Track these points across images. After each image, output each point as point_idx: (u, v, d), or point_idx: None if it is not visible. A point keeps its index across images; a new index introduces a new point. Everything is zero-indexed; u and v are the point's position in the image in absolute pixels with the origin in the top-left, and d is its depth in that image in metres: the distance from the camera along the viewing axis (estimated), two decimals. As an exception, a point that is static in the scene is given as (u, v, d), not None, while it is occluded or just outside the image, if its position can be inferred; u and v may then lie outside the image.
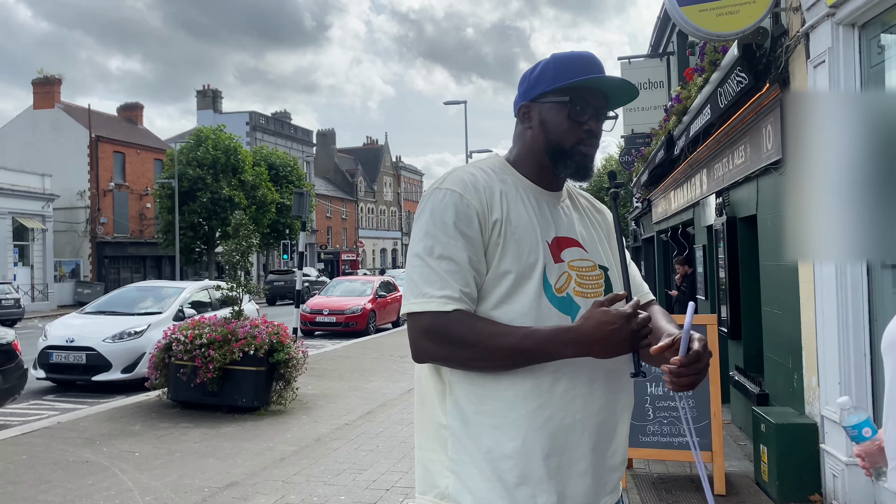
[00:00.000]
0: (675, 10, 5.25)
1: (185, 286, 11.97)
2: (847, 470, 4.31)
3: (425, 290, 1.51)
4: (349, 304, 18.56)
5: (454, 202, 1.54)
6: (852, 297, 4.29)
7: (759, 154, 5.80)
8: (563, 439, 1.52)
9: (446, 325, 1.48)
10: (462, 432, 1.54)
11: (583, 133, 1.63)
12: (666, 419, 5.31)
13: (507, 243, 1.54)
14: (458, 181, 1.59)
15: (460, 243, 1.52)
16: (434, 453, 1.58)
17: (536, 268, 1.55)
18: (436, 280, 1.51)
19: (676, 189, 10.76)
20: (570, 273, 1.60)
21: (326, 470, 5.80)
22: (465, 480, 1.52)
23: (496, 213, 1.56)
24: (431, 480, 1.58)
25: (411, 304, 1.52)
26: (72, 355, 9.90)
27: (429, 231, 1.54)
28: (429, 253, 1.53)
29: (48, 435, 6.93)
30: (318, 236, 57.07)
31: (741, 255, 6.96)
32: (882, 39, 4.08)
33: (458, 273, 1.51)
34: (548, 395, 1.51)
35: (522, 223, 1.58)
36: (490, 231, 1.55)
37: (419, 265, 1.54)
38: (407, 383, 10.09)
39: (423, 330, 1.51)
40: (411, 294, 1.53)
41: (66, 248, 35.38)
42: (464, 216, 1.53)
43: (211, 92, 51.52)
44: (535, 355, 1.47)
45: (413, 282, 1.54)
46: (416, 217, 1.61)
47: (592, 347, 1.44)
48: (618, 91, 1.67)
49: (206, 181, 34.56)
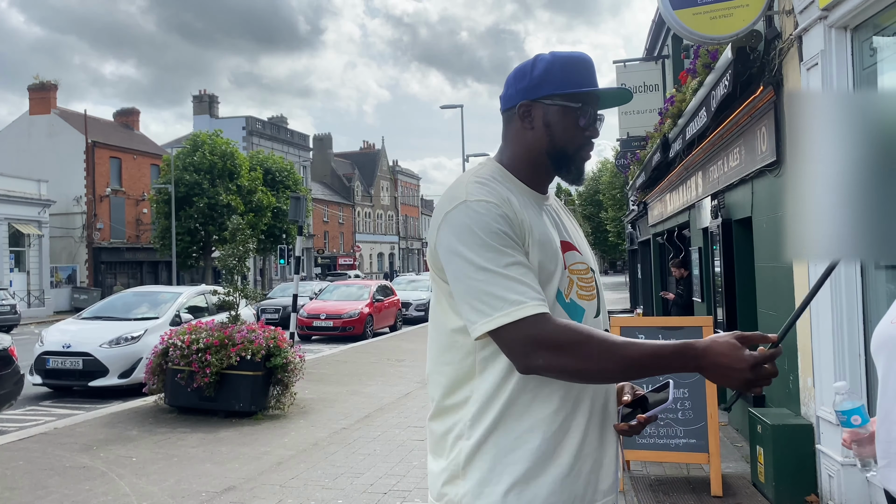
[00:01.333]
0: (669, 13, 5.28)
1: (182, 291, 11.96)
2: (843, 470, 4.33)
3: (512, 297, 1.44)
4: (346, 308, 18.55)
5: (492, 211, 1.50)
6: (846, 299, 4.31)
7: (753, 156, 5.83)
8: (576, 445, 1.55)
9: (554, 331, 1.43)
10: (485, 443, 1.53)
11: (584, 139, 1.64)
12: (662, 421, 5.31)
13: (534, 251, 1.53)
14: (483, 192, 1.54)
15: (518, 249, 1.50)
16: (447, 461, 1.58)
17: (555, 275, 1.55)
18: (517, 285, 1.45)
19: (672, 192, 10.80)
20: (571, 277, 1.61)
21: (324, 474, 5.80)
22: (481, 487, 1.52)
23: (524, 221, 1.54)
24: (442, 489, 1.57)
25: (502, 317, 1.43)
26: (68, 361, 9.89)
27: (484, 242, 1.47)
28: (495, 263, 1.46)
29: (45, 441, 6.92)
30: (314, 241, 57.04)
31: (737, 258, 6.99)
32: (874, 42, 4.10)
33: (530, 274, 1.48)
34: (570, 409, 1.54)
35: (542, 230, 1.57)
36: (524, 239, 1.53)
37: (490, 277, 1.45)
38: (404, 387, 10.09)
39: (531, 339, 1.43)
40: (493, 308, 1.44)
41: (63, 254, 35.32)
42: (508, 223, 1.51)
43: (207, 97, 51.53)
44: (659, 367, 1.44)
45: (492, 295, 1.44)
46: (447, 235, 1.52)
47: (708, 371, 1.42)
48: (612, 96, 1.69)
49: (202, 186, 34.54)
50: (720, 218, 7.24)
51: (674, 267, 10.42)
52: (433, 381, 1.64)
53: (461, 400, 1.56)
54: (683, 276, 10.01)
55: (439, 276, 1.59)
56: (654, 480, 5.45)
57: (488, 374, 1.53)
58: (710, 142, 7.14)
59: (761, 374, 1.38)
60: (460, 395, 1.57)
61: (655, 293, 14.36)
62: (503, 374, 1.52)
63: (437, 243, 1.55)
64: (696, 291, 9.23)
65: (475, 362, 1.55)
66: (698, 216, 8.90)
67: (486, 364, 1.54)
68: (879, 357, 1.88)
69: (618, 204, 39.06)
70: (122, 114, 43.86)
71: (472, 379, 1.55)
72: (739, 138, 6.26)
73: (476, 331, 1.46)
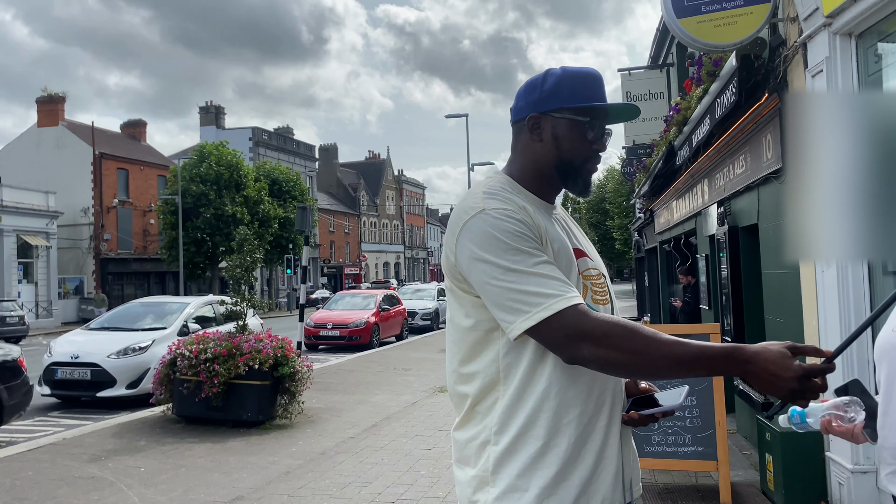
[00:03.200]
0: (673, 21, 5.30)
1: (190, 301, 12.01)
2: (853, 478, 4.31)
3: (547, 291, 1.46)
4: (353, 317, 18.58)
5: (511, 217, 1.52)
6: (854, 305, 4.30)
7: (759, 163, 5.83)
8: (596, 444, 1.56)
9: (593, 320, 1.45)
10: (513, 449, 1.54)
11: (592, 152, 1.67)
12: (671, 429, 5.30)
13: (552, 257, 1.55)
14: (498, 200, 1.56)
15: (542, 249, 1.52)
16: (475, 469, 1.58)
17: (572, 280, 1.57)
18: (549, 281, 1.47)
19: (678, 199, 10.79)
20: (585, 283, 1.65)
21: (332, 483, 5.80)
22: (511, 492, 1.53)
23: (540, 227, 1.57)
24: (472, 496, 1.58)
25: (540, 312, 1.45)
26: (76, 371, 9.93)
27: (508, 246, 1.49)
28: (524, 264, 1.48)
29: (53, 451, 6.94)
30: (321, 251, 57.17)
31: (743, 264, 6.98)
32: (879, 48, 4.11)
33: (558, 271, 1.51)
34: (593, 412, 1.56)
35: (557, 237, 1.60)
36: (544, 244, 1.55)
37: (520, 277, 1.47)
38: (411, 396, 10.09)
39: (573, 329, 1.44)
40: (529, 305, 1.45)
41: (70, 265, 35.49)
42: (528, 228, 1.53)
43: (214, 108, 51.84)
44: (705, 367, 1.45)
45: (526, 293, 1.46)
46: (467, 244, 1.53)
47: (754, 377, 1.42)
48: (621, 112, 1.72)
49: (209, 197, 34.71)
50: (726, 225, 7.24)
51: (681, 274, 10.41)
52: (456, 392, 1.65)
53: (487, 407, 1.58)
54: (690, 284, 10.00)
55: (458, 287, 1.60)
56: (662, 489, 5.43)
57: (512, 380, 1.55)
58: (715, 149, 7.15)
59: (808, 386, 1.39)
60: (486, 403, 1.58)
61: (663, 301, 14.33)
62: (527, 379, 1.54)
63: (458, 253, 1.56)
64: (704, 299, 9.21)
65: (499, 369, 1.56)
66: (705, 223, 8.89)
67: (509, 370, 1.55)
68: (882, 365, 1.88)
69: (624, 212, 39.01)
70: (129, 125, 44.17)
71: (497, 385, 1.56)
72: (745, 146, 6.27)
73: (515, 330, 1.47)
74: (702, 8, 5.24)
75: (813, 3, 4.41)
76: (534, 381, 1.53)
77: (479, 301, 1.55)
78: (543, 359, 1.53)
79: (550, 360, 1.53)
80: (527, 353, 1.54)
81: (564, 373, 1.53)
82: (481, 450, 1.57)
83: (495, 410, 1.56)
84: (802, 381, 1.38)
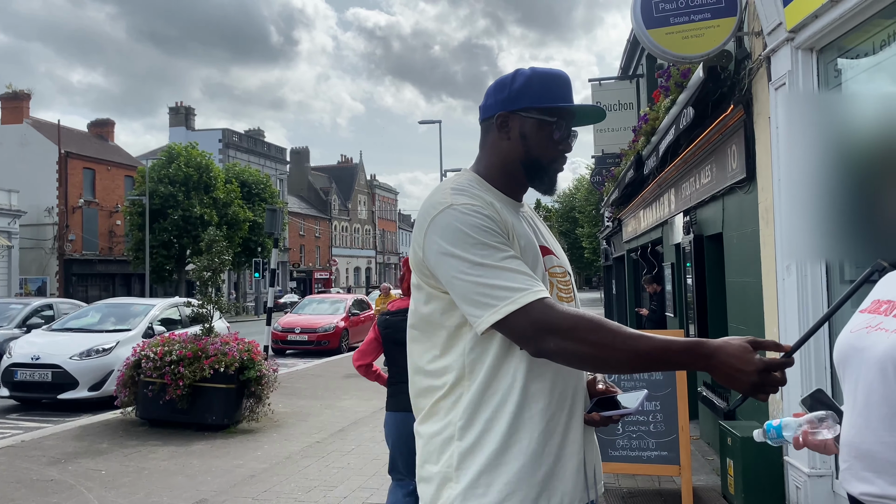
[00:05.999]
0: (642, 32, 5.39)
1: (155, 303, 11.84)
2: (810, 481, 4.41)
3: (514, 285, 1.47)
4: (321, 322, 18.45)
5: (478, 212, 1.54)
6: (813, 312, 4.41)
7: (724, 173, 5.95)
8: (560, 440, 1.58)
9: (559, 313, 1.46)
10: (477, 445, 1.55)
11: (559, 152, 1.70)
12: (634, 434, 5.37)
13: (519, 252, 1.57)
14: (466, 196, 1.58)
15: (509, 244, 1.54)
16: (438, 466, 1.59)
17: (538, 276, 1.58)
18: (516, 275, 1.48)
19: (645, 208, 10.94)
20: (551, 280, 1.67)
21: (297, 487, 5.76)
22: (473, 489, 1.54)
23: (507, 223, 1.59)
24: (437, 493, 1.59)
25: (508, 305, 1.46)
26: (37, 373, 9.71)
27: (476, 241, 1.51)
28: (491, 259, 1.50)
29: (11, 454, 6.80)
30: (290, 255, 56.73)
31: (708, 273, 7.10)
32: (839, 63, 4.24)
33: (525, 266, 1.52)
34: (556, 408, 1.58)
35: (525, 235, 1.62)
36: (511, 240, 1.57)
37: (486, 271, 1.49)
38: (379, 401, 10.04)
39: (538, 323, 1.46)
40: (497, 299, 1.47)
41: (33, 266, 34.75)
42: (495, 223, 1.55)
43: (184, 109, 51.24)
44: (668, 361, 1.47)
45: (493, 286, 1.47)
46: (435, 239, 1.55)
47: (717, 371, 1.44)
48: (587, 114, 1.74)
49: (177, 199, 34.27)
50: (692, 234, 7.36)
51: (646, 284, 10.54)
52: (420, 387, 1.66)
53: (451, 402, 1.59)
54: (657, 292, 10.13)
55: (426, 283, 1.62)
56: (626, 492, 5.49)
57: (477, 375, 1.56)
58: (682, 159, 7.27)
59: (769, 379, 1.42)
60: (451, 399, 1.59)
61: (630, 309, 14.49)
62: (491, 374, 1.56)
63: (426, 248, 1.57)
64: (669, 306, 9.34)
65: (464, 364, 1.57)
66: (671, 232, 9.03)
67: (474, 365, 1.57)
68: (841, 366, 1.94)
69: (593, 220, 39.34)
70: (97, 125, 43.46)
71: (462, 381, 1.57)
72: (711, 156, 6.39)
73: (483, 324, 1.49)
74: (670, 20, 5.34)
75: (777, 18, 4.53)
76: (498, 376, 1.55)
77: (446, 296, 1.57)
78: (508, 354, 1.55)
79: (516, 356, 1.55)
80: (492, 349, 1.55)
81: (529, 368, 1.55)
82: (445, 445, 1.58)
83: (459, 406, 1.57)
84: (763, 375, 1.41)
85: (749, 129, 5.31)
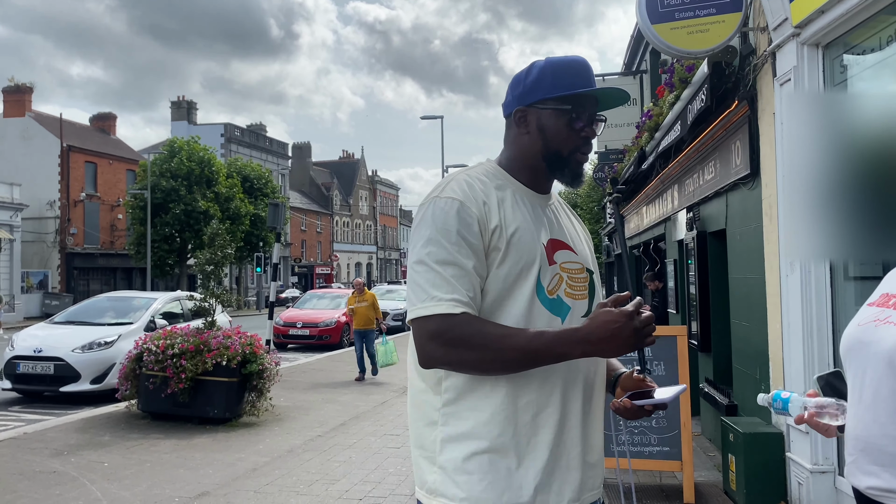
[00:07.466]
0: (647, 27, 5.37)
1: (157, 297, 11.85)
2: (812, 477, 4.41)
3: (433, 293, 1.50)
4: (323, 317, 18.47)
5: (456, 210, 1.56)
6: (816, 309, 4.40)
7: (728, 170, 5.94)
8: (549, 435, 1.56)
9: (455, 327, 1.48)
10: (452, 430, 1.56)
11: (580, 140, 1.67)
12: (636, 429, 5.37)
13: (508, 248, 1.57)
14: (457, 189, 1.59)
15: (465, 250, 1.53)
16: (424, 450, 1.61)
17: (532, 270, 1.58)
18: (443, 284, 1.50)
19: (648, 205, 10.93)
20: (561, 275, 1.64)
21: (298, 480, 5.77)
22: (452, 475, 1.55)
23: (495, 219, 1.58)
24: (422, 476, 1.61)
25: (418, 309, 1.51)
26: (39, 366, 9.74)
27: (432, 238, 1.54)
28: (434, 259, 1.52)
29: (14, 445, 6.81)
30: (292, 250, 56.75)
31: (711, 269, 7.09)
32: (844, 59, 4.22)
33: (464, 278, 1.52)
34: (536, 394, 1.56)
35: (520, 227, 1.61)
36: (490, 237, 1.57)
37: (424, 271, 1.53)
38: (380, 396, 10.07)
39: (432, 333, 1.49)
40: (417, 299, 1.52)
41: (35, 259, 34.77)
42: (466, 223, 1.55)
43: (186, 103, 51.21)
44: (544, 356, 1.48)
45: (419, 287, 1.53)
46: (415, 226, 1.61)
47: (599, 346, 1.46)
48: (610, 96, 1.72)
49: (179, 193, 34.25)
50: (695, 230, 7.35)
51: (647, 281, 10.52)
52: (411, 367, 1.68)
53: (435, 386, 1.60)
54: (659, 289, 10.12)
55: None
56: (627, 488, 5.49)
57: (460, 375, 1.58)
58: (685, 155, 7.26)
59: (642, 321, 1.44)
60: (435, 383, 1.60)
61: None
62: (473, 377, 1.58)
63: None
64: (672, 303, 9.33)
65: None
66: (674, 229, 9.02)
67: None
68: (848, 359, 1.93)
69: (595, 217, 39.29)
70: (99, 118, 43.43)
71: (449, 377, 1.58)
72: (714, 152, 6.38)
73: (409, 318, 1.55)
74: (675, 15, 5.32)
75: (782, 14, 4.51)
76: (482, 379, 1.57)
77: None
78: None
79: None
80: None
81: None
82: (430, 429, 1.59)
83: (444, 391, 1.58)
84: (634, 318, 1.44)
85: (753, 124, 5.29)
